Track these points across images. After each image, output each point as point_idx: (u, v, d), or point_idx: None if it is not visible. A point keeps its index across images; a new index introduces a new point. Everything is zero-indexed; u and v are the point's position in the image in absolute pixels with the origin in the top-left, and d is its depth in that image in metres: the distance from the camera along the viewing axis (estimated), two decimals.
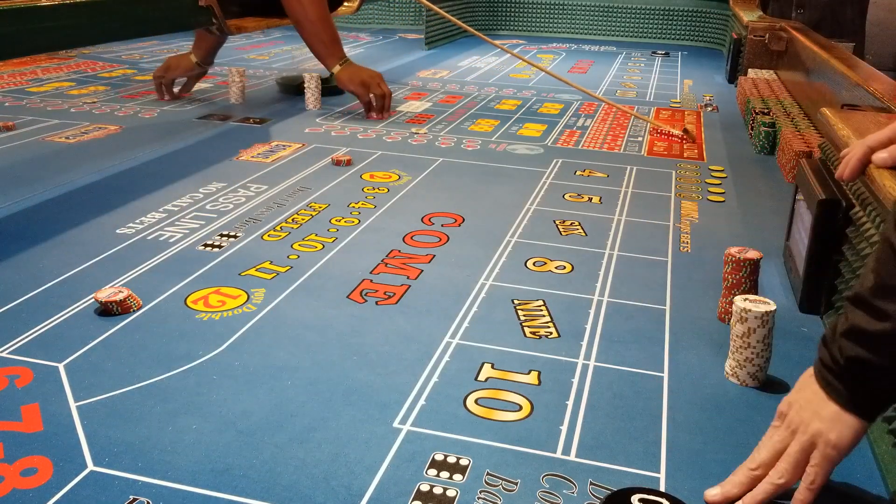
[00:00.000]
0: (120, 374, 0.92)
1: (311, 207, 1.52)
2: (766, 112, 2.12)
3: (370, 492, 0.74)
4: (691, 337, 1.06)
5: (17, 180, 1.63)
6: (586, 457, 0.80)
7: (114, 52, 3.43)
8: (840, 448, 0.68)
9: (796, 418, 0.71)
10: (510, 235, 1.41)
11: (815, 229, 1.10)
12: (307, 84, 2.40)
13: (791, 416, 0.72)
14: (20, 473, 0.75)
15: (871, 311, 0.65)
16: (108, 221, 1.41)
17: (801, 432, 0.70)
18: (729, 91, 2.94)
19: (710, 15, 4.23)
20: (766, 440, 0.74)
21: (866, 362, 0.66)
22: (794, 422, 0.71)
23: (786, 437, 0.72)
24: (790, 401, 0.74)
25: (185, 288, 1.16)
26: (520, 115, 2.41)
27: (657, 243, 1.39)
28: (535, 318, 1.10)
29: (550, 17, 4.50)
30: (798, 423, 0.71)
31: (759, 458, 0.72)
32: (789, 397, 0.74)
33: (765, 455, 0.72)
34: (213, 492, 0.73)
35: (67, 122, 2.13)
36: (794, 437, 0.71)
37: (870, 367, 0.66)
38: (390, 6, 4.61)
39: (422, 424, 0.84)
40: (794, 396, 0.73)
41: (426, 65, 3.36)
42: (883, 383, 0.67)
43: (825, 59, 1.95)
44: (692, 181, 1.77)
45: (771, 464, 0.72)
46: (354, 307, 1.11)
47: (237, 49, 3.65)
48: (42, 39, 1.53)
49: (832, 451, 0.68)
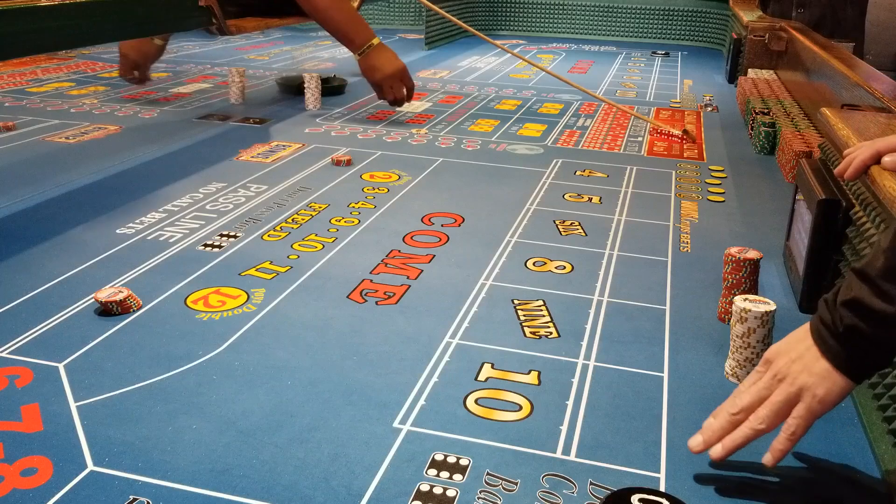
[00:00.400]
0: (120, 374, 0.92)
1: (311, 207, 1.52)
2: (766, 112, 2.12)
3: (370, 492, 0.74)
4: (691, 337, 1.06)
5: (17, 180, 1.63)
6: (586, 457, 0.80)
7: (114, 52, 3.42)
8: (825, 403, 0.70)
9: (784, 368, 0.72)
10: (510, 235, 1.41)
11: (815, 229, 1.10)
12: (307, 84, 2.40)
13: (779, 365, 0.73)
14: (20, 473, 0.75)
15: (877, 290, 0.67)
16: (108, 221, 1.41)
17: (788, 383, 0.72)
18: (729, 91, 2.94)
19: (710, 15, 4.23)
20: (748, 385, 0.75)
21: (864, 334, 0.68)
22: (782, 371, 0.72)
23: (771, 385, 0.73)
24: (779, 350, 0.75)
25: (185, 288, 1.16)
26: (520, 116, 2.41)
27: (657, 243, 1.39)
28: (535, 318, 1.10)
29: (550, 17, 4.50)
30: (786, 373, 0.72)
31: (741, 403, 0.74)
32: (778, 347, 0.75)
33: (747, 400, 0.74)
34: (213, 492, 0.73)
35: (67, 123, 2.13)
36: (779, 385, 0.72)
37: (866, 339, 0.69)
38: (390, 6, 4.61)
39: (422, 424, 0.84)
40: (785, 347, 0.74)
41: (426, 65, 3.36)
42: (876, 354, 0.70)
43: (825, 59, 1.95)
44: (692, 181, 1.77)
45: (752, 409, 0.73)
46: (354, 307, 1.11)
47: (237, 49, 3.65)
48: (42, 39, 1.53)
49: (818, 405, 0.70)
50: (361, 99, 2.58)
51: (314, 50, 3.76)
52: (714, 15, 4.20)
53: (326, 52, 3.70)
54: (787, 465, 0.81)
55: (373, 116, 2.33)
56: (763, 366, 0.76)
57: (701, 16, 4.27)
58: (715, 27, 4.21)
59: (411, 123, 2.25)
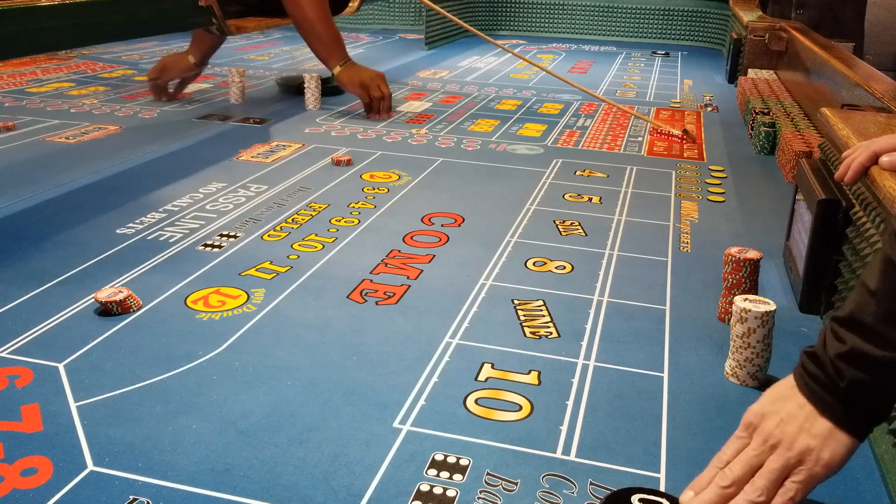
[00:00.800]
0: (120, 374, 0.92)
1: (311, 207, 1.52)
2: (766, 112, 2.12)
3: (370, 492, 0.74)
4: (691, 337, 1.06)
5: (17, 180, 1.63)
6: (586, 457, 0.80)
7: (114, 52, 3.43)
8: (831, 467, 0.65)
9: (777, 432, 0.67)
10: (510, 235, 1.41)
11: (815, 229, 1.10)
12: (307, 84, 2.40)
13: (768, 429, 0.67)
14: (20, 473, 0.75)
15: (876, 337, 0.63)
16: (108, 221, 1.41)
17: (784, 448, 0.66)
18: (729, 91, 2.94)
19: (710, 15, 4.23)
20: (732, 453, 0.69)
21: (870, 387, 0.64)
22: (775, 436, 0.67)
23: (763, 452, 0.67)
24: (763, 412, 0.69)
25: (185, 288, 1.16)
26: (520, 116, 2.41)
27: (657, 243, 1.39)
28: (535, 318, 1.10)
29: (550, 17, 4.50)
30: (779, 437, 0.67)
31: (733, 476, 0.67)
32: (760, 408, 0.70)
33: (738, 471, 0.67)
34: (213, 492, 0.73)
35: (67, 123, 2.13)
36: (773, 451, 0.66)
37: (873, 391, 0.64)
38: (390, 6, 4.61)
39: (422, 424, 0.84)
40: (770, 408, 0.69)
41: (426, 65, 3.36)
42: (879, 406, 0.66)
43: (825, 59, 1.95)
44: (692, 181, 1.77)
45: (744, 481, 0.67)
46: (354, 307, 1.11)
47: (237, 49, 3.65)
48: (42, 39, 1.53)
49: (822, 469, 0.65)
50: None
51: None
52: (714, 15, 4.20)
53: None
54: None
55: (373, 117, 2.32)
56: (744, 430, 0.69)
57: (701, 16, 4.27)
58: (715, 27, 4.21)
59: (411, 123, 2.25)
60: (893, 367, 0.62)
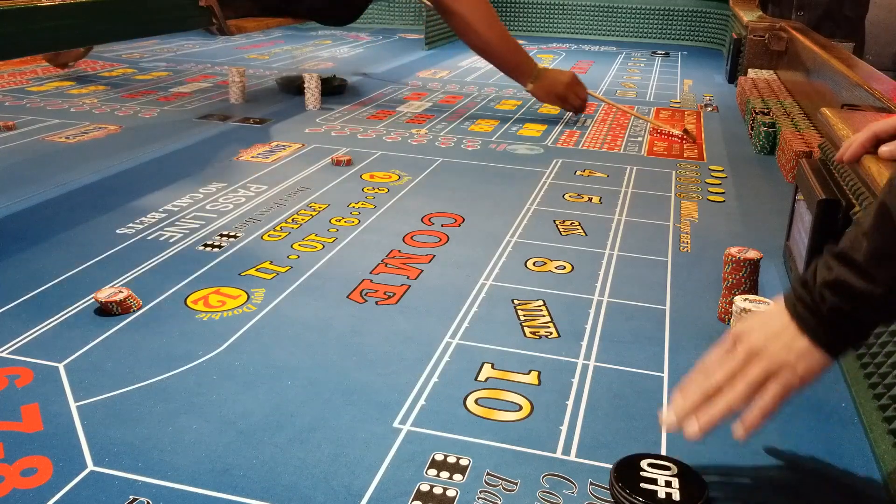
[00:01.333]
0: (120, 374, 0.92)
1: (311, 207, 1.52)
2: (766, 112, 2.12)
3: (370, 492, 0.74)
4: (691, 337, 1.06)
5: (17, 180, 1.64)
6: (586, 457, 0.80)
7: (114, 51, 3.43)
8: (805, 379, 0.71)
9: (760, 345, 0.72)
10: (510, 235, 1.41)
11: (815, 229, 1.10)
12: (307, 84, 2.40)
13: (753, 341, 0.73)
14: (20, 473, 0.75)
15: (862, 273, 0.68)
16: (108, 221, 1.41)
17: (765, 359, 0.72)
18: (729, 91, 2.94)
19: (710, 15, 4.23)
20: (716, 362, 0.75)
21: (847, 315, 0.69)
22: (757, 348, 0.72)
23: (745, 361, 0.73)
24: (750, 328, 0.74)
25: (185, 288, 1.16)
26: (520, 116, 2.41)
27: (657, 243, 1.39)
28: (535, 318, 1.10)
29: (550, 17, 4.50)
30: (761, 349, 0.72)
31: (716, 382, 0.73)
32: (748, 325, 0.75)
33: (721, 377, 0.73)
34: (213, 492, 0.73)
35: (67, 122, 2.13)
36: (754, 361, 0.72)
37: (849, 319, 0.69)
38: (390, 6, 4.61)
39: (422, 424, 0.84)
40: (758, 325, 0.74)
41: (426, 65, 3.36)
42: (856, 333, 0.71)
43: (825, 59, 1.95)
44: (692, 181, 1.77)
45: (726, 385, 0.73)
46: (354, 307, 1.11)
47: (237, 49, 3.65)
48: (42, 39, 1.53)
49: (797, 380, 0.71)
50: (361, 99, 2.59)
51: (314, 50, 3.76)
52: (714, 15, 4.21)
53: (326, 51, 3.70)
54: (787, 465, 0.81)
55: (372, 116, 2.33)
56: (730, 342, 0.75)
57: (701, 16, 4.27)
58: (715, 27, 4.21)
59: (411, 123, 2.25)
60: (871, 301, 0.68)
